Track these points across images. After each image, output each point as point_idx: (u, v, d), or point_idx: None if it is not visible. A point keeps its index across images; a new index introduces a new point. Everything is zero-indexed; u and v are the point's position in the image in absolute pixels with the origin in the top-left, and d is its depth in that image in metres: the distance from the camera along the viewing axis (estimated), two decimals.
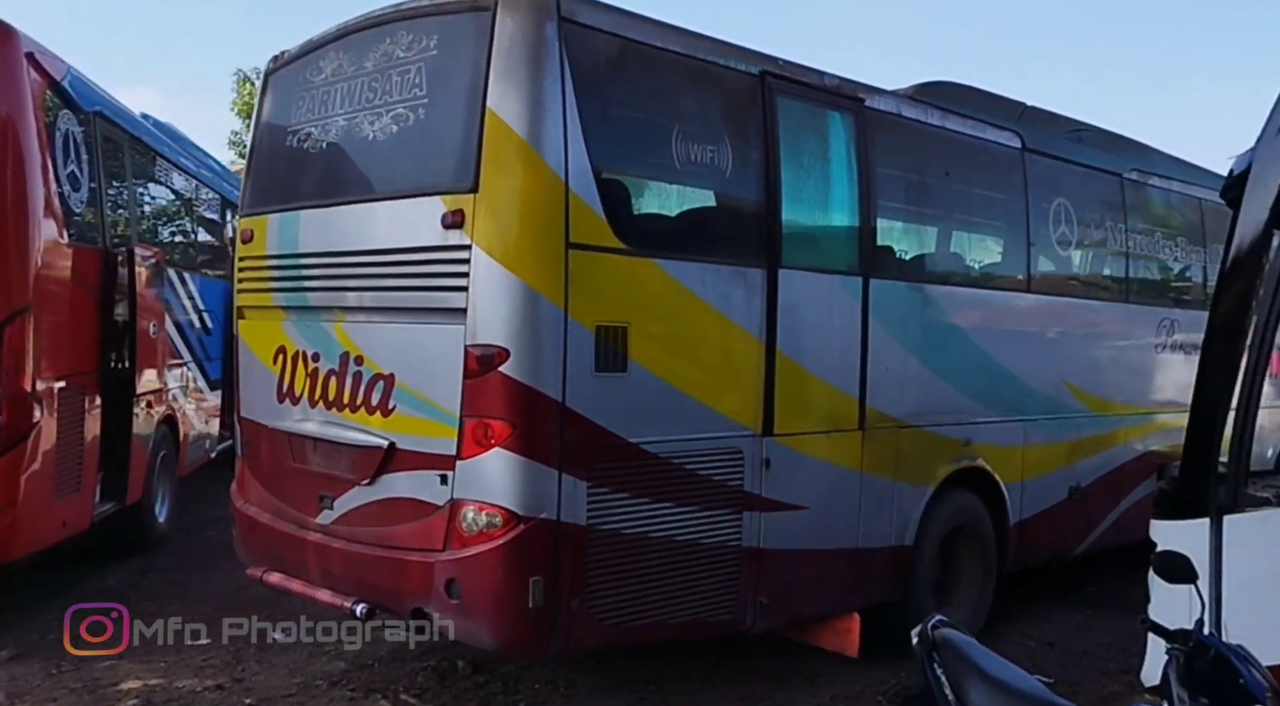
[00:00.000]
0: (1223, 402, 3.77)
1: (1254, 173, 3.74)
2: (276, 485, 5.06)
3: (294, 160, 5.05)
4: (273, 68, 5.34)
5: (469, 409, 4.04)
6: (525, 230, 4.04)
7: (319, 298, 4.79)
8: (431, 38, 4.35)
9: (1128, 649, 5.51)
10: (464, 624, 4.16)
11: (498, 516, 3.99)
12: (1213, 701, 2.51)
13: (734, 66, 4.78)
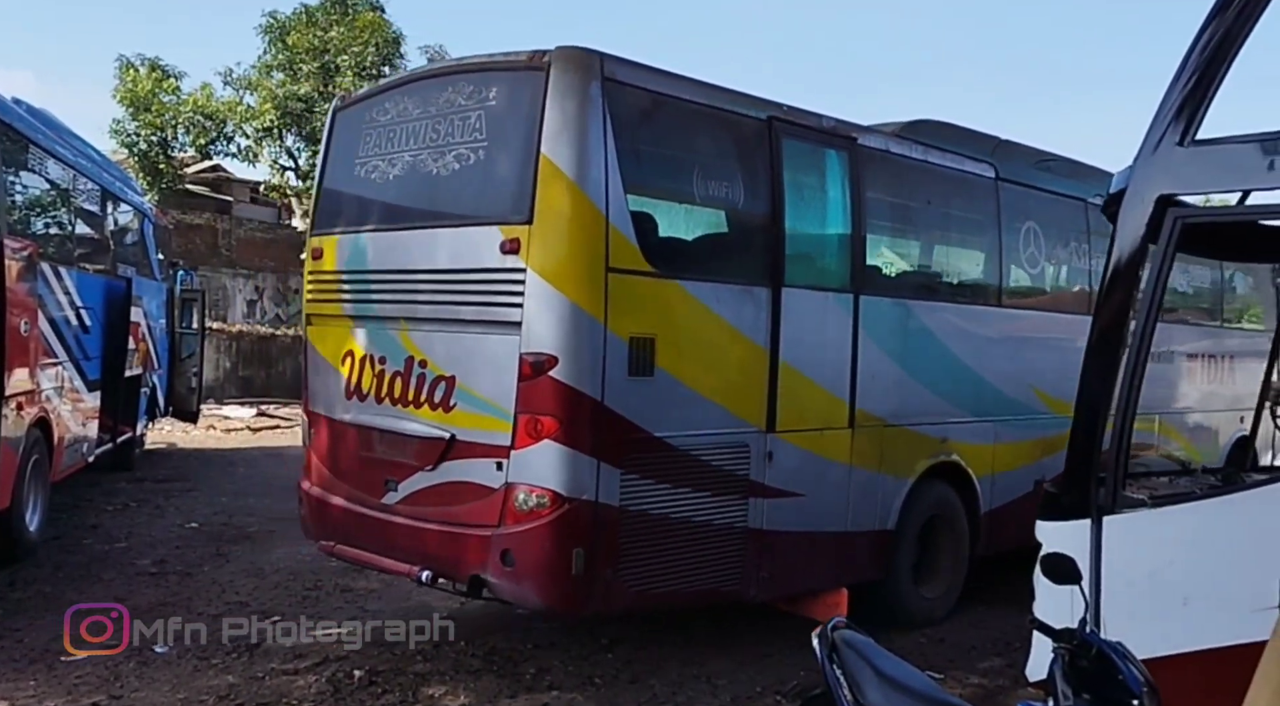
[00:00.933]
0: (1103, 408, 3.94)
1: (1131, 189, 3.92)
2: (344, 470, 5.79)
3: (361, 189, 5.81)
4: (340, 106, 6.18)
5: (523, 406, 4.78)
6: (572, 256, 4.78)
7: (386, 308, 5.57)
8: (490, 89, 5.15)
9: (1014, 644, 5.74)
10: (516, 588, 4.93)
11: (546, 497, 4.71)
12: (1094, 697, 2.63)
13: (745, 113, 5.54)
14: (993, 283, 7.10)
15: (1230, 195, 4.51)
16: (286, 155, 20.81)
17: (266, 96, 19.29)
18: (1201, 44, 3.73)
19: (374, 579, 7.34)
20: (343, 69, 19.08)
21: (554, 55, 4.85)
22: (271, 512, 9.91)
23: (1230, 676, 2.86)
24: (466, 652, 5.69)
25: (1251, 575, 3.39)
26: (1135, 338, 3.92)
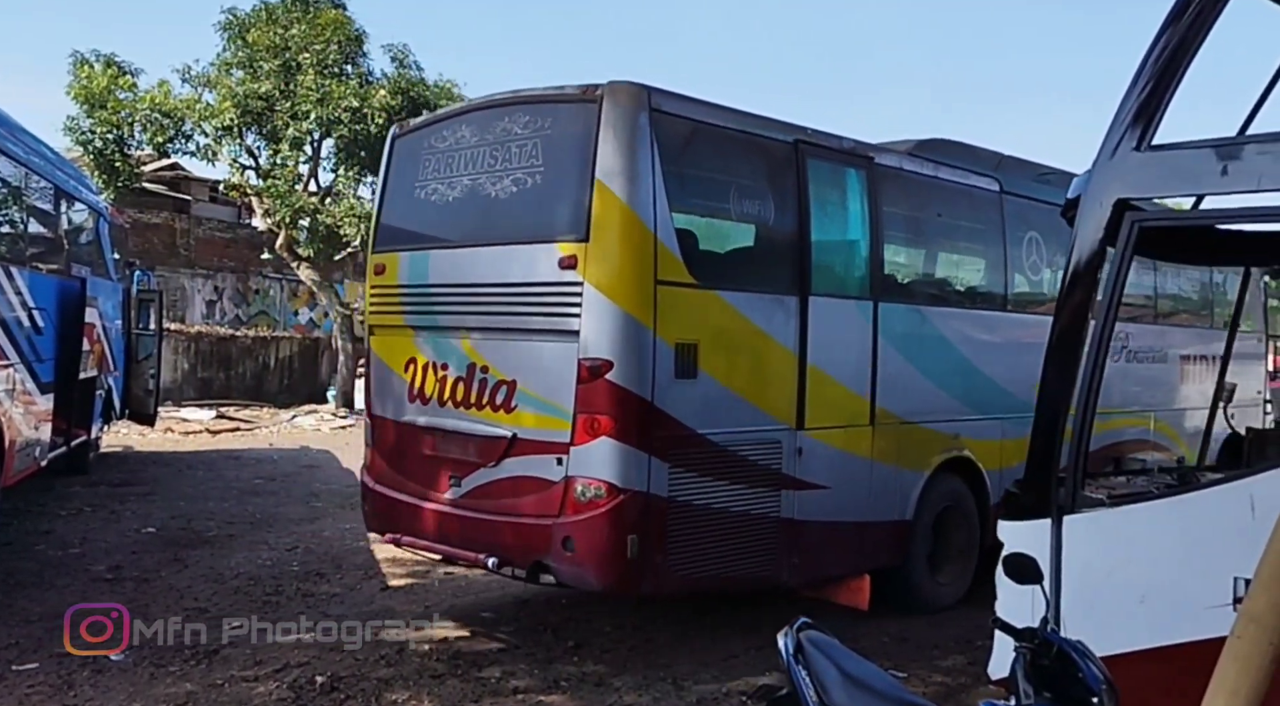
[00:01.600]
0: (1063, 408, 3.99)
1: (1089, 192, 3.98)
2: (407, 468, 6.22)
3: (421, 210, 6.28)
4: (398, 134, 6.63)
5: (581, 407, 5.21)
6: (625, 270, 5.24)
7: (447, 319, 6.00)
8: (546, 119, 5.62)
9: (975, 642, 5.79)
10: (576, 572, 5.38)
11: (603, 489, 5.16)
12: (1055, 695, 2.66)
13: (774, 136, 6.01)
14: (998, 289, 7.59)
15: (1186, 199, 4.60)
16: (247, 154, 20.43)
17: (226, 94, 18.94)
18: (1157, 51, 3.80)
19: (335, 583, 7.27)
20: (304, 67, 18.79)
21: (606, 89, 5.33)
22: (231, 516, 9.77)
23: (1186, 672, 2.91)
24: (430, 657, 5.64)
25: (1206, 573, 3.45)
26: (1094, 339, 3.97)
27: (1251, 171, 3.57)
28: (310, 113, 18.67)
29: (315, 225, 19.81)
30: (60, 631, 5.69)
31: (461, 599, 6.94)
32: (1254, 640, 2.01)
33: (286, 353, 24.89)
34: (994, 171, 7.46)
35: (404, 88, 19.38)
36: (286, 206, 19.44)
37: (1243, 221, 4.99)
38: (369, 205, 20.36)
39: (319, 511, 10.29)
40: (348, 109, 18.52)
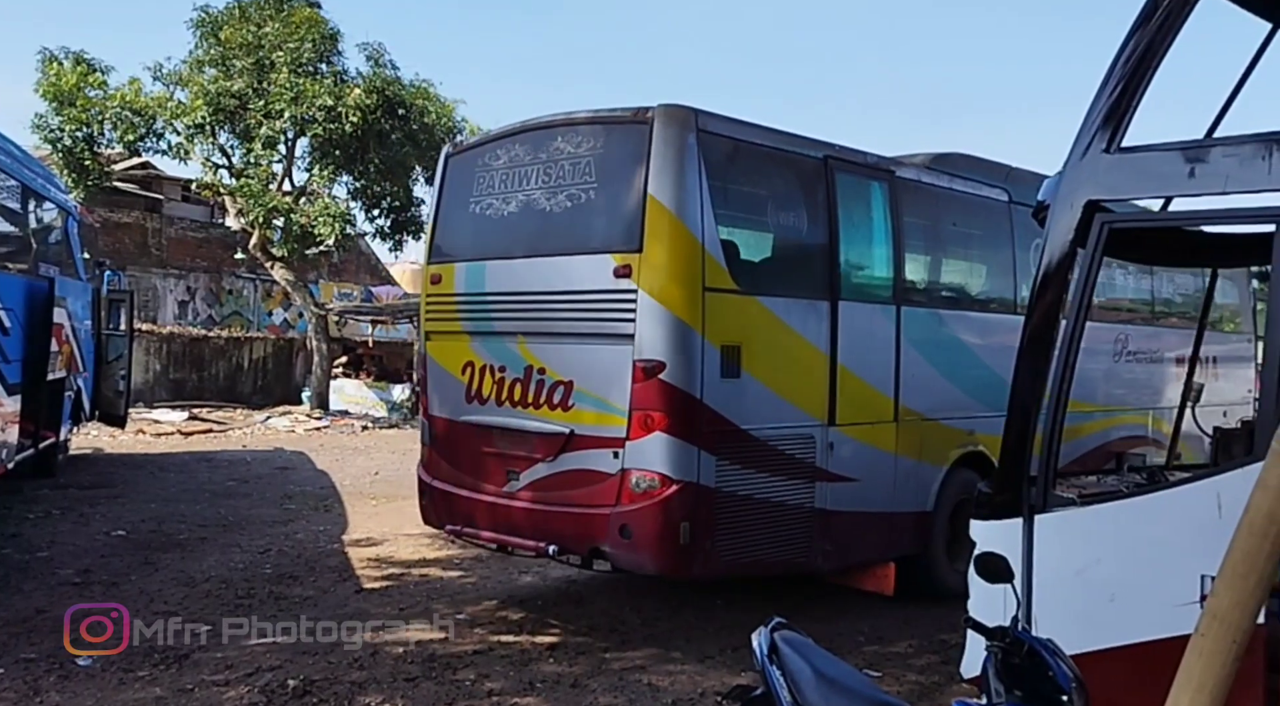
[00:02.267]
0: (1035, 408, 4.02)
1: (1059, 195, 4.01)
2: (465, 464, 6.60)
3: (476, 223, 6.64)
4: (452, 152, 7.01)
5: (636, 404, 5.61)
6: (676, 279, 5.62)
7: (504, 325, 6.39)
8: (599, 139, 6.03)
9: (949, 641, 5.83)
10: (633, 557, 5.73)
11: (657, 480, 5.55)
12: (1026, 693, 2.67)
13: (806, 153, 6.42)
14: (1008, 293, 7.93)
15: (1155, 201, 4.65)
16: (219, 152, 20.20)
17: (198, 92, 18.71)
18: (1125, 54, 3.84)
19: (309, 586, 7.20)
20: (278, 65, 18.60)
21: (656, 112, 5.71)
22: (203, 519, 9.66)
23: (1155, 670, 2.94)
24: (404, 660, 5.60)
25: (1174, 571, 3.49)
26: (1065, 339, 4.01)
27: (1218, 174, 3.61)
28: (284, 111, 18.50)
29: (289, 225, 19.65)
30: (24, 636, 5.61)
31: (437, 601, 6.90)
32: (1218, 637, 2.04)
33: (260, 353, 24.68)
34: (1003, 182, 7.83)
35: (379, 87, 19.25)
36: (260, 206, 19.26)
37: (1210, 223, 5.05)
38: (343, 204, 20.25)
39: (292, 513, 10.20)
40: (322, 108, 18.38)
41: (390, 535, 9.16)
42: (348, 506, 10.78)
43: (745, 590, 7.35)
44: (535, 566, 8.06)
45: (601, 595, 7.22)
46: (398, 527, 9.52)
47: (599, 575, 7.80)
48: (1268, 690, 3.30)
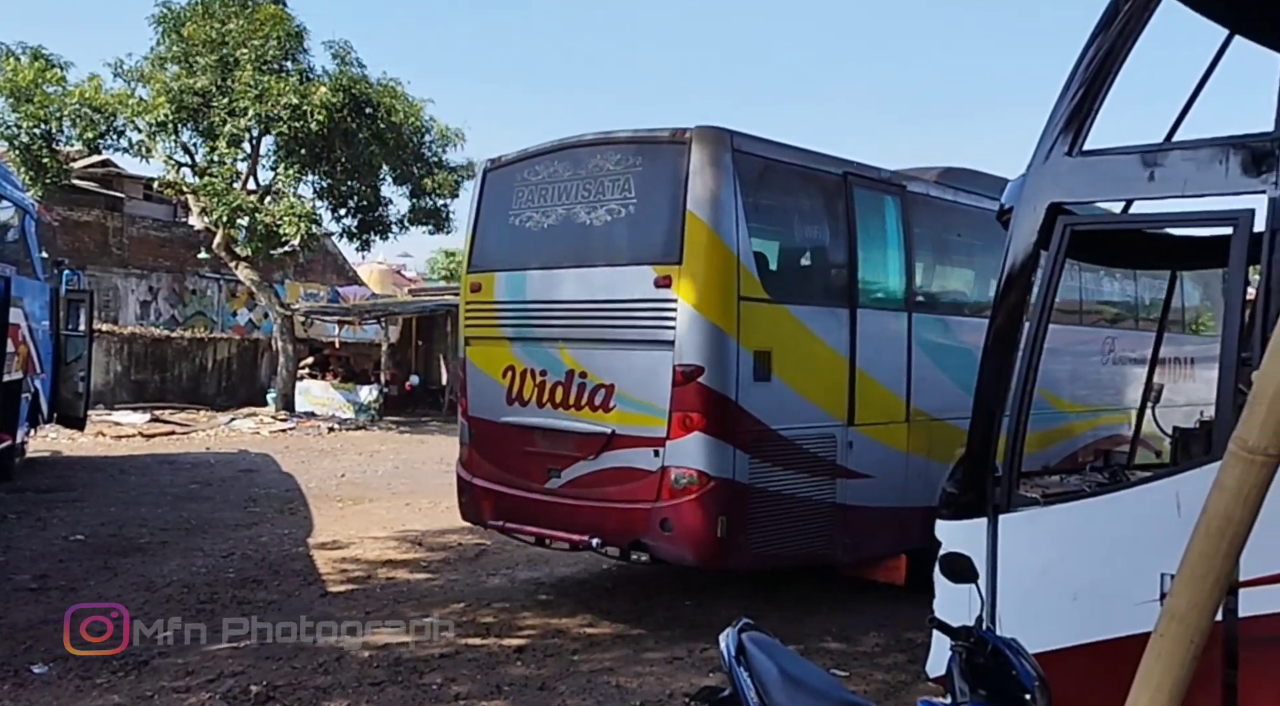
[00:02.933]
0: (1000, 409, 4.05)
1: (1022, 198, 4.05)
2: (506, 462, 6.89)
3: (515, 235, 6.97)
4: (490, 167, 7.31)
5: (676, 406, 5.96)
6: (713, 289, 5.98)
7: (545, 331, 6.71)
8: (638, 158, 6.39)
9: (914, 640, 5.86)
10: (673, 549, 6.09)
11: (696, 477, 5.90)
12: (990, 692, 2.69)
13: (828, 170, 6.81)
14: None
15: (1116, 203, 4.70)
16: (182, 151, 19.89)
17: (160, 90, 18.39)
18: (1087, 58, 3.88)
19: (273, 590, 7.11)
20: (242, 63, 18.33)
21: (694, 133, 6.08)
22: (164, 522, 9.51)
23: (1117, 667, 2.97)
24: (370, 664, 5.54)
25: (1135, 570, 3.53)
26: (1028, 341, 4.04)
27: (1177, 177, 3.66)
28: (248, 109, 18.25)
29: (254, 224, 19.39)
30: None
31: (403, 603, 6.83)
32: (1176, 638, 2.06)
33: (224, 354, 24.36)
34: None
35: (346, 85, 19.05)
36: (224, 205, 18.99)
37: (1170, 226, 5.12)
38: (309, 204, 20.02)
39: (257, 516, 10.08)
40: (287, 106, 18.14)
41: (356, 538, 9.08)
42: (313, 509, 10.67)
43: (715, 591, 7.36)
44: (504, 568, 8.02)
45: (570, 597, 7.20)
46: (364, 530, 9.43)
47: (568, 577, 7.79)
48: (1224, 685, 3.35)
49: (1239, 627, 3.25)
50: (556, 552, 8.58)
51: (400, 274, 44.74)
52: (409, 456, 15.98)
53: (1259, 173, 3.43)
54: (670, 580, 7.74)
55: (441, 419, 23.20)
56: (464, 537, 9.22)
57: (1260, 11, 4.28)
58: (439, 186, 21.14)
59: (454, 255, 45.91)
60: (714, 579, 7.85)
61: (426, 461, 15.32)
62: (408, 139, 20.52)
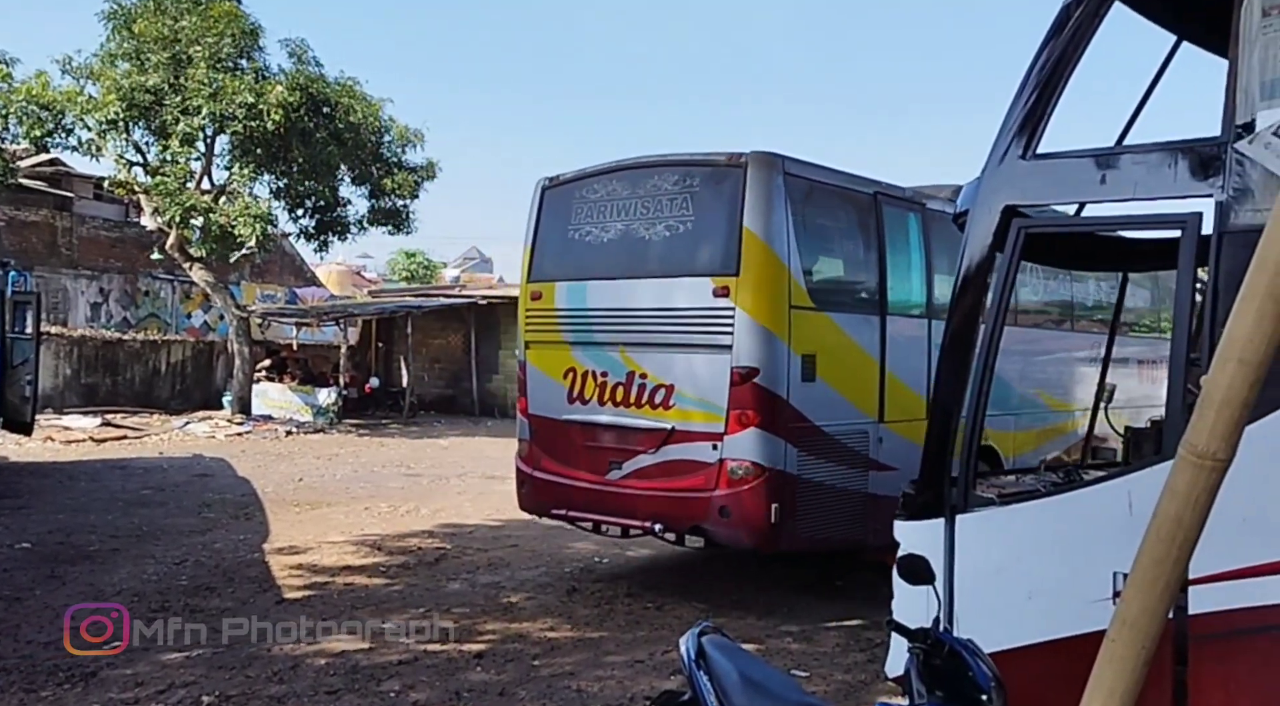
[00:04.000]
0: (956, 410, 4.08)
1: (978, 200, 4.08)
2: (567, 456, 7.45)
3: (574, 248, 7.55)
4: (548, 186, 7.82)
5: (733, 404, 6.54)
6: (767, 298, 6.60)
7: (605, 336, 7.29)
8: (695, 179, 6.98)
9: (874, 640, 5.90)
10: (730, 533, 6.72)
11: (751, 468, 6.49)
12: (948, 693, 2.70)
13: (861, 190, 7.47)
14: (1011, 308, 8.68)
15: (1070, 206, 4.77)
16: (134, 149, 19.49)
17: (110, 87, 17.98)
18: (1040, 63, 3.92)
19: (227, 597, 6.98)
20: (195, 60, 17.99)
21: (749, 157, 6.70)
22: (115, 529, 9.31)
23: (1071, 665, 3.00)
24: (326, 672, 5.45)
25: (1088, 569, 3.57)
26: (984, 342, 4.08)
27: (1128, 180, 3.72)
28: (202, 108, 17.93)
29: (209, 224, 19.04)
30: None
31: (361, 609, 6.74)
32: (1128, 643, 2.08)
33: (179, 357, 23.92)
34: None
35: (302, 84, 18.79)
36: (177, 205, 18.63)
37: (1121, 228, 5.20)
38: (265, 204, 19.72)
39: (211, 522, 9.90)
40: (242, 105, 17.85)
41: (314, 543, 8.94)
42: (270, 514, 10.50)
43: (676, 594, 7.36)
44: (464, 572, 7.95)
45: (532, 601, 7.15)
46: (322, 535, 9.30)
47: (529, 580, 7.74)
48: (1174, 681, 3.40)
49: (1189, 625, 3.30)
50: (518, 557, 8.57)
51: (360, 275, 44.28)
52: (368, 460, 15.80)
53: (1206, 177, 3.49)
54: (630, 583, 7.73)
55: (402, 422, 22.99)
56: (424, 542, 9.13)
57: (1205, 19, 4.36)
58: (398, 187, 20.93)
59: (414, 256, 45.52)
60: (676, 581, 7.85)
61: (386, 465, 15.16)
62: (366, 139, 20.29)
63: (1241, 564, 3.21)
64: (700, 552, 9.10)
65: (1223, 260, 3.41)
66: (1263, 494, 3.11)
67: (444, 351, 27.37)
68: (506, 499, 12.04)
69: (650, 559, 8.74)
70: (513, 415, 28.29)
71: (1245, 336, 1.96)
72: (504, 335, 26.63)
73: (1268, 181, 3.31)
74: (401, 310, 25.58)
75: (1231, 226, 3.39)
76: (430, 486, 13.04)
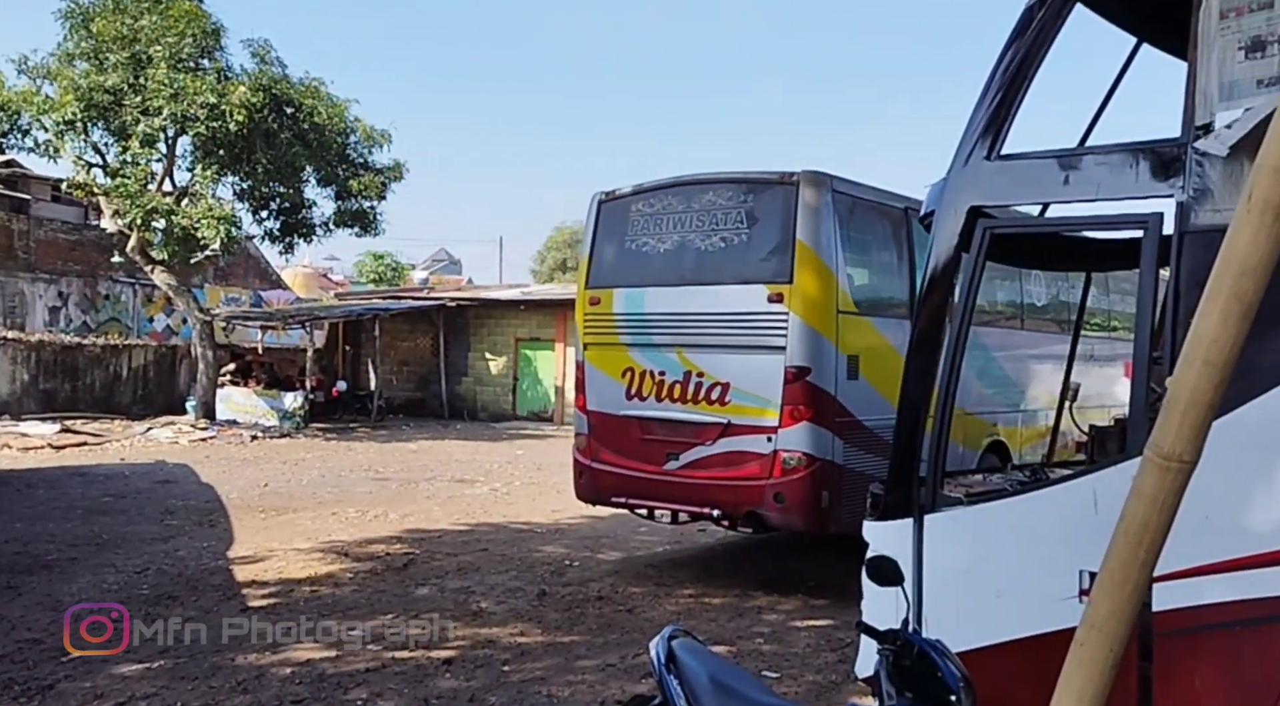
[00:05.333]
0: (924, 409, 4.09)
1: (944, 201, 4.09)
2: (624, 448, 8.04)
3: (631, 258, 8.20)
4: (604, 199, 8.45)
5: (786, 400, 7.15)
6: (818, 304, 7.23)
7: (662, 338, 7.90)
8: (749, 195, 7.63)
9: (845, 639, 5.91)
10: (784, 518, 7.28)
11: (803, 458, 7.08)
12: (917, 694, 2.69)
13: (893, 205, 8.14)
14: (1017, 312, 9.56)
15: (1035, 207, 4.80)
16: (93, 151, 19.17)
17: (68, 87, 17.66)
18: (1003, 65, 3.94)
19: (190, 606, 6.86)
20: (155, 60, 17.72)
21: (801, 176, 7.34)
22: (74, 538, 9.12)
23: (1039, 663, 3.01)
24: (291, 681, 5.36)
25: (1055, 567, 3.59)
26: (950, 342, 4.09)
27: (1090, 181, 3.74)
28: (163, 108, 17.67)
29: (171, 227, 18.76)
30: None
31: (328, 617, 6.64)
32: (1095, 646, 2.08)
33: (140, 361, 23.55)
34: None
35: (266, 84, 18.57)
36: (138, 207, 18.34)
37: (1085, 229, 5.25)
38: (228, 206, 19.47)
39: (174, 529, 9.73)
40: (204, 105, 17.61)
41: (279, 550, 8.82)
42: (234, 520, 10.34)
43: (646, 597, 7.34)
44: (433, 577, 7.88)
45: (502, 606, 7.09)
46: (287, 541, 9.17)
47: (498, 585, 7.68)
48: (1140, 677, 3.42)
49: (1154, 621, 3.32)
50: (487, 561, 8.51)
51: (327, 277, 43.85)
52: (335, 464, 15.63)
53: (1167, 177, 3.52)
54: (601, 586, 7.70)
55: (370, 425, 22.78)
56: (392, 547, 9.04)
57: (1164, 21, 4.41)
58: (365, 188, 20.76)
59: (382, 258, 45.15)
60: (647, 584, 7.83)
61: (354, 469, 15.00)
62: (332, 139, 20.10)
63: (1205, 560, 3.24)
64: (668, 555, 9.09)
65: (1184, 260, 3.44)
66: (1225, 491, 3.14)
67: (412, 354, 27.18)
68: (475, 503, 12.00)
69: (621, 561, 8.71)
70: (482, 418, 28.32)
71: (1210, 337, 1.97)
72: (473, 337, 26.51)
73: (1227, 182, 3.35)
74: (369, 313, 25.37)
75: (1192, 226, 3.42)
76: (399, 491, 12.92)
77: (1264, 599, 3.17)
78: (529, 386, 26.09)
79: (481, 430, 22.83)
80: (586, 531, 10.12)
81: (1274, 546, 3.16)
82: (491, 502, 12.11)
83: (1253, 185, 1.95)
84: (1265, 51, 3.35)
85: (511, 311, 26.30)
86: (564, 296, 26.59)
